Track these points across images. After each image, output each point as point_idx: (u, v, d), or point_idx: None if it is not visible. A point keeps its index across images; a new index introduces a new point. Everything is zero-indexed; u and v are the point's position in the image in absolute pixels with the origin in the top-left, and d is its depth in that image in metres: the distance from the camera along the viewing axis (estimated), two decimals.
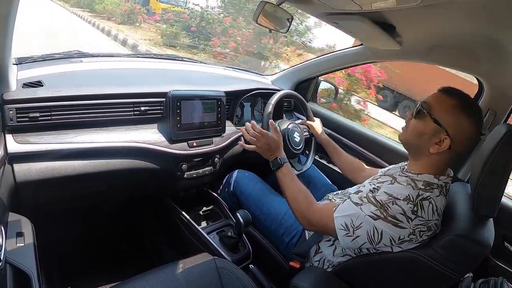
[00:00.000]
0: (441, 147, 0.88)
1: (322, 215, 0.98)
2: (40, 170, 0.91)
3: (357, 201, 0.92)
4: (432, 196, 0.87)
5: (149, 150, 1.11)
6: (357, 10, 0.94)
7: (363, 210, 0.89)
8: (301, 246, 1.13)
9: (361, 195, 0.94)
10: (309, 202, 1.04)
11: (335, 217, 0.93)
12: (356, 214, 0.90)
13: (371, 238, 0.88)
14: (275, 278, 1.21)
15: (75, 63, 1.21)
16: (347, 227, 0.91)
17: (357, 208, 0.90)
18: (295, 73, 1.84)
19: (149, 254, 1.55)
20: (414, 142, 0.94)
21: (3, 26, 0.69)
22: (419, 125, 0.92)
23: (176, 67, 1.63)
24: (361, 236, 0.89)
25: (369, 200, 0.90)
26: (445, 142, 0.87)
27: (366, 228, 0.88)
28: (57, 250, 1.28)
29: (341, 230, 0.92)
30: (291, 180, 1.10)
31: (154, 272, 0.91)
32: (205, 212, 1.43)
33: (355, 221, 0.90)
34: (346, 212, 0.92)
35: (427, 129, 0.90)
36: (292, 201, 1.06)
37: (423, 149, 0.92)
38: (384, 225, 0.86)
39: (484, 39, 0.91)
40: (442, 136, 0.88)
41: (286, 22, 1.23)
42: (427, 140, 0.90)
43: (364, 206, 0.90)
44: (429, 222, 0.85)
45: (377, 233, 0.87)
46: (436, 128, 0.88)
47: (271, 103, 1.33)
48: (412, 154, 0.98)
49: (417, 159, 0.95)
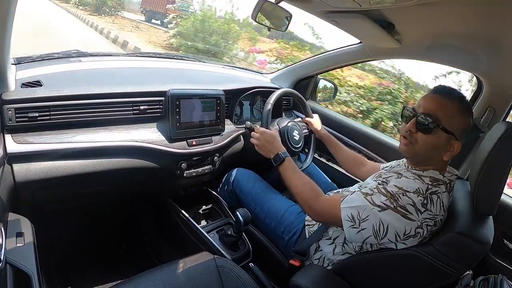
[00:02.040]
0: (453, 152, 0.89)
1: (330, 205, 0.98)
2: (39, 170, 0.91)
3: (367, 191, 0.92)
4: (440, 191, 0.87)
5: (148, 149, 1.11)
6: (356, 8, 0.94)
7: (374, 200, 0.88)
8: (301, 244, 1.13)
9: (370, 186, 0.93)
10: (316, 193, 1.04)
11: (342, 207, 0.93)
12: (363, 206, 0.89)
13: (377, 231, 0.87)
14: (275, 276, 1.22)
15: (74, 63, 1.21)
16: (353, 218, 0.90)
17: (366, 199, 0.90)
18: (294, 71, 1.84)
19: (149, 253, 1.55)
20: (426, 155, 0.93)
21: (1, 26, 0.69)
22: (432, 140, 0.89)
23: (175, 65, 1.63)
24: (367, 229, 0.88)
25: (379, 191, 0.89)
26: (456, 147, 0.88)
27: (372, 221, 0.87)
28: (57, 250, 1.28)
29: (347, 221, 0.91)
30: (295, 173, 1.10)
31: (154, 271, 0.91)
32: (204, 211, 1.43)
33: (361, 213, 0.89)
34: (353, 204, 0.92)
35: (441, 141, 0.89)
36: (299, 194, 1.06)
37: (435, 159, 0.92)
38: (392, 216, 0.85)
39: (483, 37, 0.91)
40: (453, 142, 0.88)
41: (285, 20, 1.23)
42: (441, 151, 0.90)
43: (374, 196, 0.89)
44: (436, 217, 0.85)
45: (383, 227, 0.86)
46: (448, 137, 0.88)
47: (270, 102, 1.33)
48: (419, 163, 0.96)
49: (421, 165, 0.95)
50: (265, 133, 1.20)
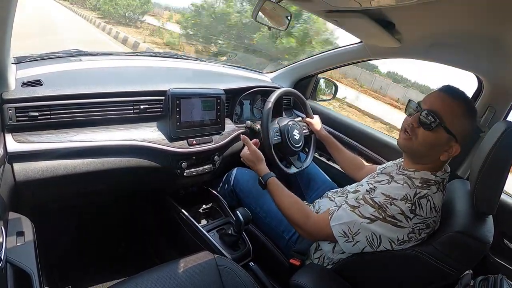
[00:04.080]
0: (451, 154, 0.88)
1: (321, 227, 0.98)
2: (39, 169, 0.91)
3: (354, 203, 0.92)
4: (430, 193, 0.87)
5: (148, 149, 1.11)
6: (357, 8, 0.94)
7: (362, 213, 0.89)
8: (301, 244, 1.13)
9: (358, 195, 0.94)
10: (304, 216, 1.02)
11: (332, 226, 0.94)
12: (352, 221, 0.90)
13: (371, 242, 0.89)
14: (275, 275, 1.21)
15: (74, 62, 1.20)
16: (346, 234, 0.91)
17: (353, 214, 0.90)
18: (294, 71, 1.84)
19: (149, 252, 1.55)
20: (424, 153, 0.92)
21: (1, 25, 0.69)
22: (432, 137, 0.88)
23: (175, 65, 1.62)
24: (361, 241, 0.90)
25: (366, 202, 0.90)
26: (455, 149, 0.88)
27: (365, 234, 0.89)
28: (58, 249, 1.28)
29: (340, 237, 0.92)
30: (281, 193, 1.08)
31: (154, 271, 0.91)
32: (205, 210, 1.43)
33: (352, 227, 0.90)
34: (342, 220, 0.92)
35: (440, 140, 0.88)
36: (288, 216, 1.05)
37: (432, 158, 0.91)
38: (383, 227, 0.86)
39: (484, 37, 0.91)
40: (452, 143, 0.88)
41: (285, 19, 1.23)
42: (439, 150, 0.89)
43: (361, 208, 0.90)
44: (428, 219, 0.85)
45: (376, 238, 0.88)
46: (449, 137, 0.87)
47: (270, 100, 1.33)
48: (415, 159, 0.96)
49: (418, 162, 0.95)
50: (255, 152, 1.18)
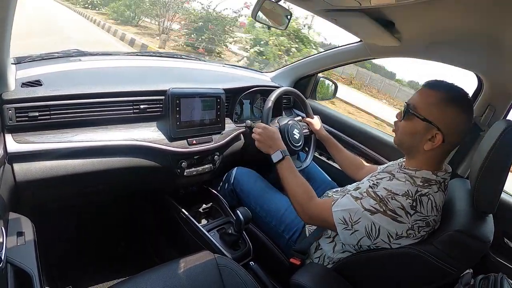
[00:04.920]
0: (435, 143, 0.88)
1: (322, 209, 0.98)
2: (40, 170, 0.91)
3: (357, 195, 0.93)
4: (431, 192, 0.87)
5: (148, 148, 1.11)
6: (356, 7, 0.94)
7: (363, 204, 0.89)
8: (302, 243, 1.13)
9: (360, 190, 0.94)
10: (308, 196, 1.04)
11: (333, 211, 0.94)
12: (354, 209, 0.90)
13: (369, 233, 0.88)
14: (275, 275, 1.22)
15: (74, 62, 1.20)
16: (346, 221, 0.91)
17: (356, 202, 0.91)
18: (294, 70, 1.84)
19: (149, 252, 1.55)
20: (407, 143, 0.95)
21: (1, 26, 0.69)
22: (408, 126, 0.92)
23: (175, 64, 1.62)
24: (360, 231, 0.90)
25: (368, 194, 0.90)
26: (438, 138, 0.87)
27: (364, 223, 0.88)
28: (58, 249, 1.29)
29: (340, 224, 0.92)
30: (291, 173, 1.11)
31: (154, 270, 0.91)
32: (205, 210, 1.43)
33: (353, 215, 0.90)
34: (345, 207, 0.93)
35: (417, 128, 0.90)
36: (293, 195, 1.06)
37: (417, 148, 0.92)
38: (383, 220, 0.86)
39: (483, 35, 0.91)
40: (434, 132, 0.88)
41: (285, 19, 1.23)
42: (419, 139, 0.90)
43: (363, 200, 0.90)
44: (428, 218, 0.85)
45: (375, 229, 0.87)
46: (426, 125, 0.88)
47: (271, 99, 1.33)
48: (407, 153, 0.98)
49: (412, 157, 0.95)
50: (267, 129, 1.21)
